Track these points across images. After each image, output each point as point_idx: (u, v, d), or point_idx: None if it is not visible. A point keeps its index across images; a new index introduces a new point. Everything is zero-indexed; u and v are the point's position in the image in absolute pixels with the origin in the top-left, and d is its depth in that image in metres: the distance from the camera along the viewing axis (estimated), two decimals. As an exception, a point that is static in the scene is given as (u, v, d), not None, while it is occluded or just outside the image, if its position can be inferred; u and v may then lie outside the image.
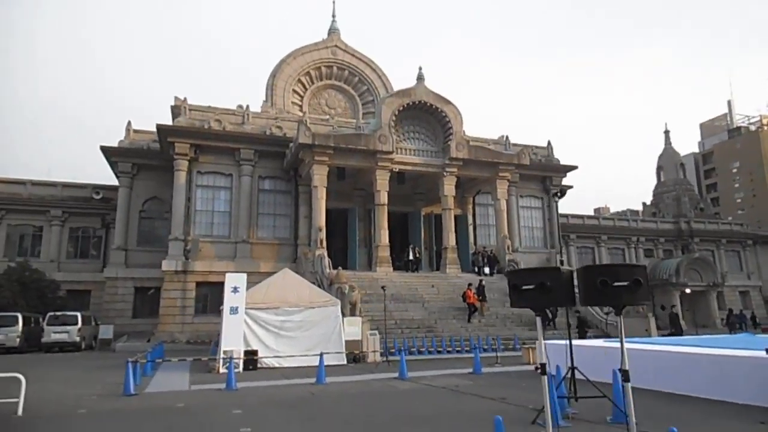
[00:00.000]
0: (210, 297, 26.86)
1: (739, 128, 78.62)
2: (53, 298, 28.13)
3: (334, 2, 46.89)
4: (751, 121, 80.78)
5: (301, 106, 42.33)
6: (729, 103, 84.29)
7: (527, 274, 5.84)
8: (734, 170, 74.33)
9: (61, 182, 32.20)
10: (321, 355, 12.07)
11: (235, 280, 14.19)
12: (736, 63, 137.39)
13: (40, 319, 24.98)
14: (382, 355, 15.55)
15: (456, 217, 31.13)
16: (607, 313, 20.31)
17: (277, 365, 14.08)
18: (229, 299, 14.01)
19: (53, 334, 22.94)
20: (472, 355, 17.00)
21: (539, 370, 5.27)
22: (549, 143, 35.30)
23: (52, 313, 23.68)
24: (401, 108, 26.64)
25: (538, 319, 5.78)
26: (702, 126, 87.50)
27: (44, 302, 27.29)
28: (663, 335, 21.15)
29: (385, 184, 26.39)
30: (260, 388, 10.70)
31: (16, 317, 22.67)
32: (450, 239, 27.38)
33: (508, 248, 28.27)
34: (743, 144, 73.94)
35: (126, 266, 29.13)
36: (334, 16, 46.15)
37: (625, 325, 17.29)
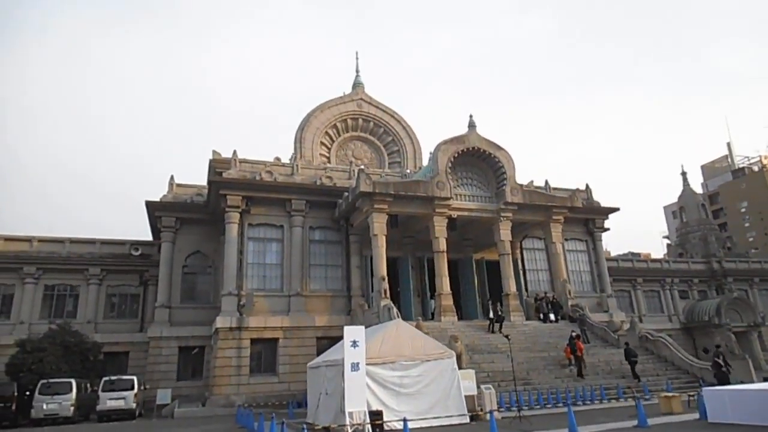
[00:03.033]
0: (264, 355, 25.68)
1: (742, 169, 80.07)
2: (95, 362, 26.67)
3: (357, 59, 47.96)
4: (752, 161, 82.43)
5: (328, 158, 42.41)
6: (728, 144, 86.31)
7: None
8: (743, 210, 75.10)
9: (100, 239, 31.26)
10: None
11: (353, 333, 13.30)
12: (731, 105, 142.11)
13: (88, 385, 23.58)
14: (499, 410, 14.54)
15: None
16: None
17: (401, 426, 13.02)
18: (349, 355, 13.06)
19: (109, 401, 21.48)
20: (587, 406, 16.17)
21: None
22: (587, 186, 35.28)
23: (107, 378, 22.29)
24: (456, 155, 26.54)
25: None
26: (704, 167, 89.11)
27: (86, 366, 25.84)
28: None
29: (444, 231, 25.90)
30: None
31: (70, 384, 21.28)
32: (511, 286, 26.70)
33: (569, 293, 27.60)
34: (749, 184, 75.07)
35: (170, 324, 27.88)
36: (357, 71, 47.09)
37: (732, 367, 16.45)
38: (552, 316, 26.01)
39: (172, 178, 30.89)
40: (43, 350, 24.20)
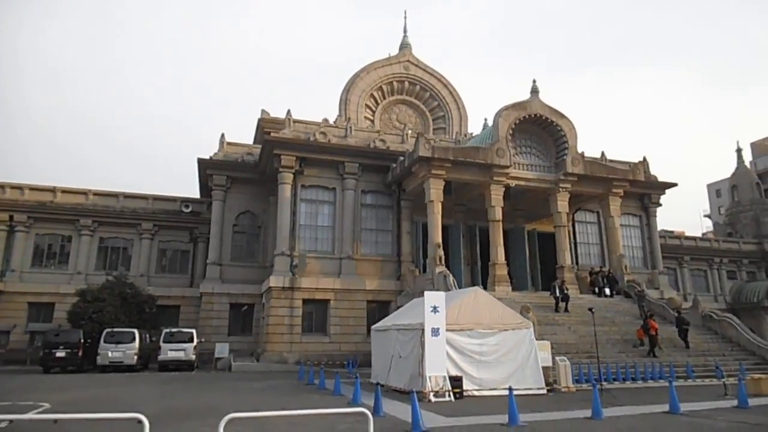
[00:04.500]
0: (315, 315, 25.93)
1: (796, 147, 76.56)
2: (150, 314, 27.36)
3: (405, 18, 46.60)
4: (806, 140, 78.69)
5: (372, 121, 41.74)
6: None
7: None
8: (793, 191, 72.10)
9: (152, 195, 31.64)
10: (510, 390, 9.96)
11: (434, 298, 13.11)
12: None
13: (147, 335, 24.20)
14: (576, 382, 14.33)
15: (553, 235, 30.01)
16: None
17: (479, 394, 12.91)
18: (429, 320, 12.90)
19: (170, 352, 22.07)
20: (664, 384, 15.82)
21: None
22: (645, 159, 34.02)
23: (167, 330, 22.86)
24: (517, 121, 25.73)
25: None
26: (753, 145, 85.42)
27: (142, 317, 26.54)
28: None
29: (500, 200, 25.37)
30: (543, 422, 9.45)
31: (133, 334, 21.89)
32: (566, 258, 26.18)
33: (626, 268, 26.95)
34: (803, 164, 71.82)
35: (221, 281, 28.28)
36: (405, 31, 45.76)
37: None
38: (607, 291, 25.47)
39: (222, 136, 30.84)
40: (102, 300, 24.92)
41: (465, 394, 12.84)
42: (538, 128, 26.91)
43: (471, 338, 13.60)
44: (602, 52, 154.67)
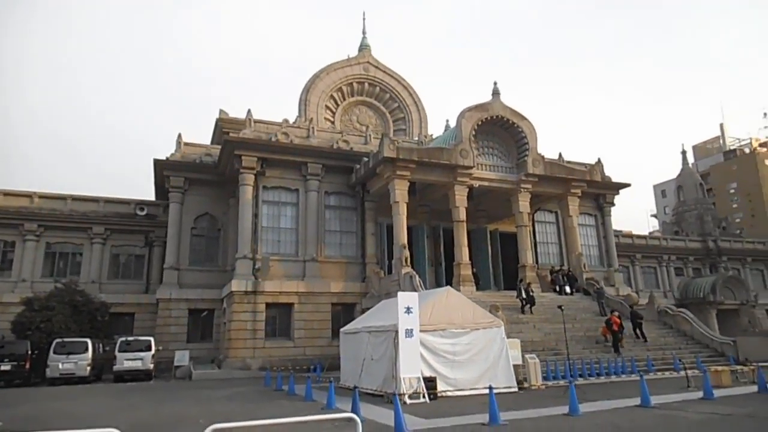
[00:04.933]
0: (279, 319, 25.38)
1: (734, 150, 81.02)
2: (102, 322, 26.06)
3: (364, 19, 46.46)
4: (742, 143, 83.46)
5: (332, 122, 41.37)
6: (721, 126, 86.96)
7: None
8: (731, 191, 76.27)
9: (103, 197, 30.18)
10: (490, 389, 10.15)
11: (407, 299, 12.96)
12: (725, 87, 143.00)
13: (100, 345, 23.04)
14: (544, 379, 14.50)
15: (514, 235, 30.53)
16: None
17: (453, 394, 12.86)
18: (403, 321, 12.74)
19: (126, 361, 21.01)
20: (627, 378, 16.26)
21: None
22: (599, 160, 35.06)
23: (123, 339, 21.77)
24: (480, 122, 26.01)
25: None
26: (695, 148, 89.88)
27: (94, 326, 25.24)
28: None
29: (464, 200, 25.56)
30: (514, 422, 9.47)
31: (86, 344, 20.78)
32: (528, 258, 26.63)
33: (584, 266, 27.67)
34: (740, 166, 76.07)
35: (179, 287, 27.29)
36: (364, 32, 45.62)
37: (744, 345, 16.59)
38: (567, 289, 26.07)
39: (179, 136, 29.79)
40: (51, 309, 23.56)
41: (439, 394, 12.76)
42: (500, 129, 27.31)
43: (444, 338, 13.56)
44: (554, 54, 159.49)
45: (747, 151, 79.43)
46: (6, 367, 19.66)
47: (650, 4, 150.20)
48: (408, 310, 12.89)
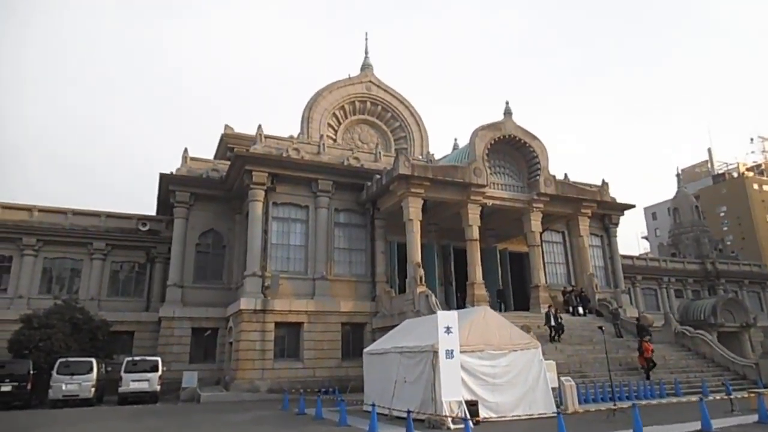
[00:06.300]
0: (287, 339, 24.67)
1: (722, 174, 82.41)
2: (103, 341, 25.06)
3: (366, 39, 46.63)
4: (730, 167, 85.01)
5: (335, 140, 41.21)
6: (709, 150, 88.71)
7: None
8: (722, 214, 77.33)
9: (105, 212, 29.39)
10: (558, 414, 9.75)
11: (447, 318, 12.53)
12: (712, 112, 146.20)
13: (103, 365, 22.11)
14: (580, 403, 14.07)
15: (522, 254, 30.34)
16: None
17: (496, 418, 12.37)
18: (443, 341, 12.29)
19: (132, 382, 20.11)
20: (661, 401, 15.89)
21: None
22: (604, 181, 35.18)
23: (129, 358, 20.90)
24: (492, 141, 25.93)
25: None
26: (683, 171, 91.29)
27: (95, 345, 24.26)
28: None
29: (477, 219, 25.32)
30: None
31: (91, 363, 19.87)
32: (540, 277, 26.38)
33: (596, 287, 27.48)
34: (729, 189, 77.32)
35: (183, 304, 26.46)
36: (366, 52, 45.79)
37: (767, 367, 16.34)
38: (580, 310, 25.79)
39: (185, 150, 29.22)
40: (51, 327, 22.60)
41: (483, 419, 12.26)
42: (511, 149, 27.25)
43: (482, 360, 13.11)
44: (543, 76, 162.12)
45: (735, 175, 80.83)
46: (6, 388, 18.70)
47: (637, 22, 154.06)
48: (448, 329, 12.46)
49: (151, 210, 32.09)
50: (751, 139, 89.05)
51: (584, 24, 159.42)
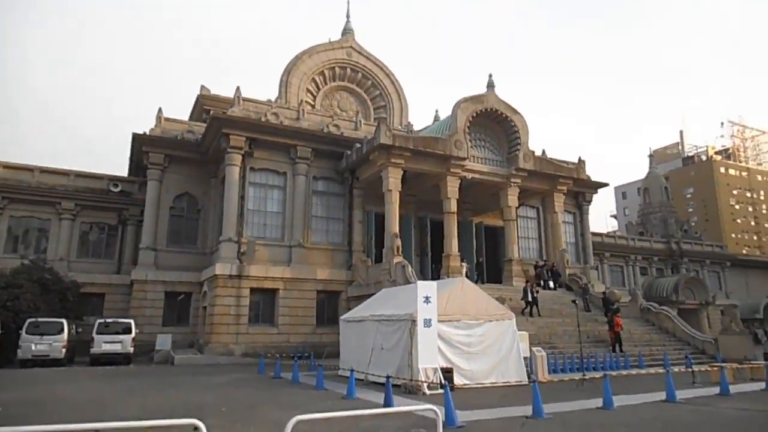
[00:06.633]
0: (263, 305, 24.66)
1: (692, 157, 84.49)
2: (73, 302, 24.64)
3: (348, 2, 45.52)
4: (699, 150, 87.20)
5: (313, 106, 40.49)
6: (681, 133, 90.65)
7: None
8: (688, 196, 79.65)
9: (74, 171, 28.49)
10: (533, 381, 10.22)
11: (426, 288, 12.68)
12: (687, 96, 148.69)
13: (73, 326, 21.79)
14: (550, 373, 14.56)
15: (497, 228, 30.74)
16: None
17: (470, 385, 12.70)
18: (422, 310, 12.47)
19: (104, 344, 19.92)
20: (627, 373, 16.51)
21: None
22: (580, 159, 35.66)
23: (101, 320, 20.65)
24: (474, 114, 25.90)
25: None
26: (656, 153, 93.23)
27: (64, 307, 23.84)
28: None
29: (456, 192, 25.44)
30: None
31: (62, 324, 19.57)
32: (514, 251, 26.85)
33: (567, 262, 28.13)
34: (697, 172, 79.50)
35: (156, 268, 26.11)
36: (348, 16, 44.75)
37: (725, 344, 17.21)
38: (551, 284, 26.43)
39: (160, 110, 28.37)
40: (18, 287, 22.07)
41: (456, 386, 12.57)
42: (492, 123, 27.28)
43: (458, 329, 13.37)
44: (527, 54, 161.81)
45: (704, 158, 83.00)
46: (-27, 347, 18.29)
47: (615, 14, 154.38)
48: (427, 299, 12.62)
49: (124, 171, 31.29)
50: (722, 123, 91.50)
51: (573, 3, 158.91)
